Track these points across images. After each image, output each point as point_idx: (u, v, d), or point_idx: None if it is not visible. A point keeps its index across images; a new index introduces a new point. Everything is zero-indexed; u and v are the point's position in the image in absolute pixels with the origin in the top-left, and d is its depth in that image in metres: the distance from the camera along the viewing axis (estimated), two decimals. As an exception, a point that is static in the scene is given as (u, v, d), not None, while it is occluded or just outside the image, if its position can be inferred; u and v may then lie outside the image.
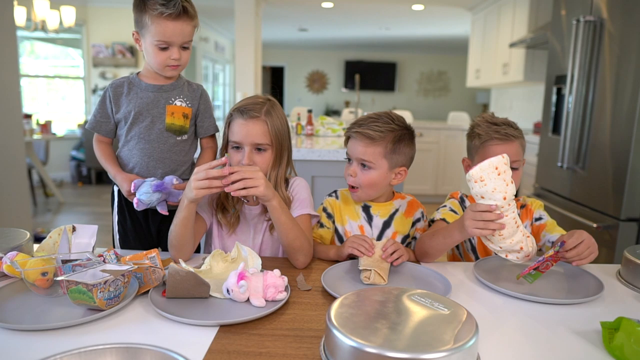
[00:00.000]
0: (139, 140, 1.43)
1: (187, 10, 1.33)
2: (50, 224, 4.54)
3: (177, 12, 1.30)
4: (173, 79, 1.47)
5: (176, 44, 1.36)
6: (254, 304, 0.95)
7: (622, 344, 0.80)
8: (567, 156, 2.62)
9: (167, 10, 1.29)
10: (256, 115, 1.26)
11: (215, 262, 1.14)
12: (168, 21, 1.31)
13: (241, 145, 1.27)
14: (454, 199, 1.45)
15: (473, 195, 1.10)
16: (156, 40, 1.33)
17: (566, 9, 2.79)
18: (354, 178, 1.32)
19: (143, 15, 1.32)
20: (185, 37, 1.36)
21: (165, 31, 1.32)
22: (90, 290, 0.87)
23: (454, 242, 1.20)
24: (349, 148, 1.34)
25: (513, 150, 1.31)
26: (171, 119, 1.45)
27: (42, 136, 5.42)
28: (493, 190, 1.04)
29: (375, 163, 1.30)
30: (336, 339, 0.68)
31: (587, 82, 2.51)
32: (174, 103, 1.46)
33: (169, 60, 1.37)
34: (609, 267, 1.28)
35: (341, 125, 3.48)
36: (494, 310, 1.01)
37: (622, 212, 2.22)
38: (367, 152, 1.29)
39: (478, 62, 5.79)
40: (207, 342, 0.82)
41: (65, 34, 5.99)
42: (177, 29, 1.33)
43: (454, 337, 0.66)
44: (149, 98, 1.43)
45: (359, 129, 1.30)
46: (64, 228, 1.14)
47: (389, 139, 1.29)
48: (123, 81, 1.45)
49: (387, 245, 1.19)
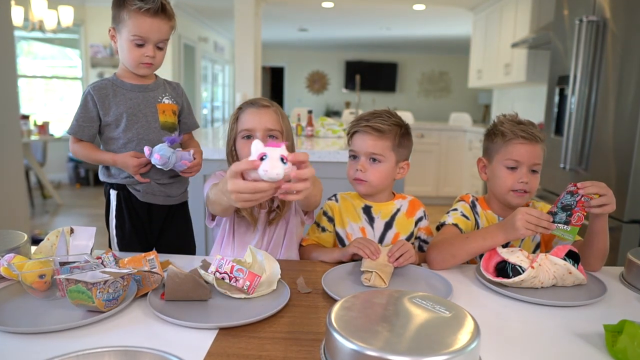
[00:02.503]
0: (140, 141, 1.43)
1: (165, 9, 1.36)
2: (48, 226, 4.53)
3: (155, 8, 1.33)
4: (152, 79, 1.48)
5: (152, 40, 1.37)
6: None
7: (625, 347, 0.79)
8: (569, 157, 2.61)
9: (145, 5, 1.31)
10: (267, 105, 1.30)
11: None
12: (146, 16, 1.33)
13: (253, 133, 1.27)
14: (465, 202, 1.40)
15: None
16: (132, 36, 1.35)
17: (569, 8, 2.78)
18: (363, 173, 1.32)
19: (121, 11, 1.35)
20: (161, 35, 1.38)
21: (142, 26, 1.34)
22: (90, 289, 0.86)
23: (496, 244, 1.17)
24: (356, 144, 1.34)
25: (537, 152, 1.29)
26: (164, 116, 1.47)
27: (40, 137, 5.40)
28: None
29: (385, 156, 1.32)
30: (337, 342, 0.67)
31: (589, 82, 2.50)
32: (163, 101, 1.48)
33: (143, 57, 1.38)
34: (612, 270, 1.27)
35: (341, 126, 3.47)
36: (496, 312, 1.00)
37: (626, 214, 2.21)
38: (377, 145, 1.30)
39: (480, 63, 5.78)
40: (206, 345, 0.82)
41: (63, 34, 5.94)
42: (154, 25, 1.35)
43: (455, 340, 0.66)
44: (138, 98, 1.44)
45: (367, 123, 1.31)
46: (62, 230, 1.13)
47: (395, 132, 1.32)
48: (105, 83, 1.45)
49: (394, 251, 1.17)
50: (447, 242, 1.25)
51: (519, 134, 1.27)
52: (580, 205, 1.14)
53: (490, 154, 1.36)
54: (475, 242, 1.20)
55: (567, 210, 1.15)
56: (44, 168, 5.65)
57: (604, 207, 1.14)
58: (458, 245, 1.22)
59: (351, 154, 1.37)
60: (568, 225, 1.14)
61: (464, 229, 1.32)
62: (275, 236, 1.36)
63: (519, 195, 1.29)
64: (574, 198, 1.14)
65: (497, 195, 1.35)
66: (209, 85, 9.05)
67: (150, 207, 1.53)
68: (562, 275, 1.09)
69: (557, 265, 1.08)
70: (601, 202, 1.13)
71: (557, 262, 1.08)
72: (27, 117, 5.27)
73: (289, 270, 1.20)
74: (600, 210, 1.14)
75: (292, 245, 1.39)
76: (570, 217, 1.14)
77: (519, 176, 1.27)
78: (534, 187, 1.29)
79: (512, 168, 1.29)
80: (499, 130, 1.31)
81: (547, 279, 1.08)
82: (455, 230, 1.31)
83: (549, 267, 1.08)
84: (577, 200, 1.14)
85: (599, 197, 1.13)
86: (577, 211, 1.14)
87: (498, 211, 1.37)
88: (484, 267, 1.15)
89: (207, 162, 1.69)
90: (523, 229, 1.11)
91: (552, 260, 1.08)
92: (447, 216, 1.36)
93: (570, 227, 1.14)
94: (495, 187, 1.34)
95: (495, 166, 1.33)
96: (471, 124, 6.37)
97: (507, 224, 1.16)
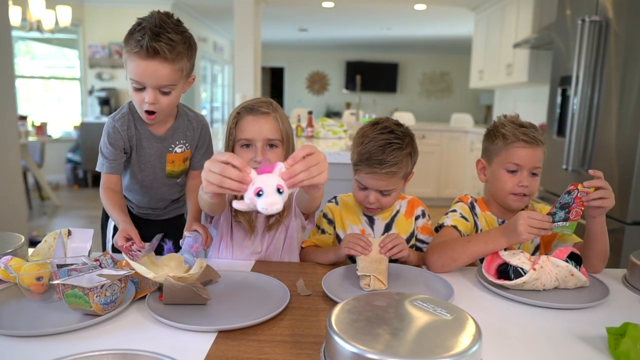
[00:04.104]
0: (142, 186, 1.45)
1: (160, 52, 1.18)
2: (45, 228, 4.52)
3: (144, 52, 1.18)
4: (168, 123, 1.38)
5: (149, 85, 1.23)
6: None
7: (628, 350, 0.78)
8: (572, 158, 2.60)
9: (135, 48, 1.18)
10: (266, 111, 1.24)
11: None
12: (139, 59, 1.19)
13: (252, 143, 1.24)
14: (463, 203, 1.38)
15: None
16: (129, 79, 1.24)
17: (571, 8, 2.77)
18: (375, 203, 1.30)
19: (124, 50, 1.24)
20: (159, 80, 1.22)
21: (136, 70, 1.21)
22: (87, 294, 0.86)
23: (498, 249, 1.16)
24: (366, 181, 1.28)
25: (538, 155, 1.27)
26: (171, 166, 1.43)
27: (38, 138, 5.38)
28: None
29: (397, 187, 1.30)
30: (337, 345, 0.67)
31: (592, 83, 2.49)
32: (174, 151, 1.40)
33: (143, 103, 1.25)
34: (615, 272, 1.27)
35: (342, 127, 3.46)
36: (498, 315, 1.00)
37: (629, 215, 2.20)
38: (389, 183, 1.28)
39: (481, 63, 5.77)
40: (205, 348, 0.81)
41: (61, 34, 5.92)
42: (149, 70, 1.20)
43: (456, 343, 0.65)
44: (152, 149, 1.39)
45: (379, 167, 1.24)
46: (60, 232, 1.12)
47: (405, 162, 1.28)
48: (129, 123, 1.36)
49: (386, 241, 1.17)
50: (448, 245, 1.23)
51: (520, 137, 1.26)
52: (577, 201, 1.14)
53: (490, 156, 1.34)
54: (477, 246, 1.19)
55: (565, 208, 1.15)
56: (42, 169, 5.61)
57: (603, 200, 1.12)
58: (459, 249, 1.21)
59: (361, 186, 1.31)
60: (567, 222, 1.14)
61: (462, 230, 1.31)
62: (275, 241, 1.35)
63: (519, 198, 1.28)
64: (572, 196, 1.14)
65: (496, 198, 1.34)
66: (208, 86, 9.04)
67: (146, 220, 1.56)
68: (564, 277, 1.08)
69: (559, 267, 1.07)
70: (600, 195, 1.12)
71: (559, 264, 1.08)
72: (25, 117, 5.24)
73: (289, 273, 1.20)
74: (600, 203, 1.13)
75: (293, 250, 1.38)
76: (568, 214, 1.14)
77: (520, 180, 1.26)
78: (534, 190, 1.28)
79: (512, 171, 1.27)
80: (500, 133, 1.29)
81: (549, 281, 1.07)
82: (454, 232, 1.30)
83: (551, 269, 1.07)
84: (575, 197, 1.14)
85: (596, 190, 1.12)
86: (574, 207, 1.14)
87: (497, 213, 1.36)
88: (485, 269, 1.14)
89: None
90: (526, 234, 1.11)
91: (554, 262, 1.08)
92: (446, 217, 1.34)
93: (568, 223, 1.14)
94: (494, 190, 1.33)
95: (495, 168, 1.31)
96: (473, 124, 6.37)
97: (509, 228, 1.15)
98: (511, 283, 1.07)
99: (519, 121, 1.32)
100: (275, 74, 11.59)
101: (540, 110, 4.74)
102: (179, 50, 1.21)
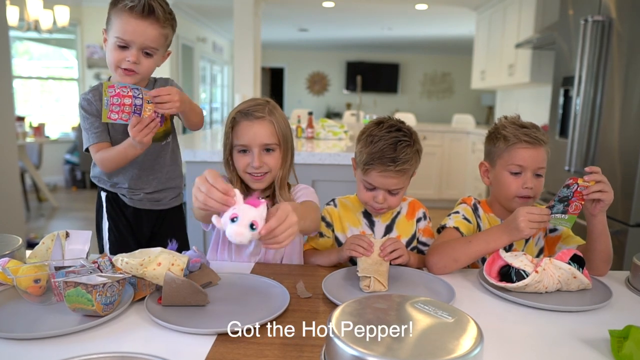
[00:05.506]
0: None
1: (155, 12, 1.25)
2: (43, 230, 4.50)
3: (140, 9, 1.23)
4: (142, 85, 1.37)
5: (136, 44, 1.26)
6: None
7: (631, 353, 0.78)
8: (574, 159, 2.59)
9: (130, 3, 1.23)
10: (261, 115, 1.23)
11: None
12: (131, 17, 1.24)
13: (249, 148, 1.24)
14: (466, 204, 1.37)
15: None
16: (115, 37, 1.26)
17: (573, 8, 2.77)
18: (383, 203, 1.28)
19: (111, 11, 1.28)
20: (146, 40, 1.26)
21: (126, 28, 1.24)
22: (90, 292, 0.85)
23: (500, 246, 1.16)
24: (377, 180, 1.26)
25: (541, 156, 1.26)
26: None
27: (35, 139, 5.36)
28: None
29: (405, 186, 1.30)
30: (337, 347, 0.66)
31: (595, 83, 2.48)
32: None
33: (123, 61, 1.27)
34: (618, 274, 1.26)
35: (342, 128, 3.45)
36: (500, 318, 0.99)
37: (632, 217, 2.19)
38: (400, 181, 1.27)
39: (483, 63, 5.77)
40: (204, 351, 0.80)
41: (59, 34, 5.88)
42: (139, 28, 1.24)
43: (458, 346, 0.65)
44: None
45: (392, 164, 1.22)
46: (57, 234, 1.12)
47: (415, 159, 1.28)
48: (94, 92, 1.39)
49: (386, 245, 1.16)
50: (449, 246, 1.22)
51: (522, 138, 1.25)
52: (577, 195, 1.14)
53: (492, 158, 1.33)
54: (478, 246, 1.18)
55: (564, 202, 1.15)
56: (40, 171, 5.59)
57: (602, 193, 1.12)
58: (460, 249, 1.20)
59: (368, 186, 1.29)
60: (566, 214, 1.15)
61: (465, 232, 1.30)
62: None
63: (524, 200, 1.27)
64: (571, 189, 1.14)
65: (501, 201, 1.33)
66: (207, 87, 9.03)
67: (139, 211, 1.51)
68: (566, 280, 1.07)
69: (561, 270, 1.07)
70: (600, 188, 1.12)
71: (562, 267, 1.07)
72: (23, 118, 5.24)
73: (289, 275, 1.19)
74: (600, 195, 1.13)
75: (294, 252, 1.37)
76: (567, 207, 1.14)
77: (524, 181, 1.25)
78: (538, 191, 1.28)
79: (516, 173, 1.26)
80: (502, 134, 1.28)
81: (552, 284, 1.06)
82: (457, 233, 1.29)
83: (554, 272, 1.06)
84: (574, 191, 1.14)
85: (595, 183, 1.12)
86: (574, 201, 1.14)
87: (501, 215, 1.35)
88: (487, 272, 1.13)
89: (206, 165, 1.68)
90: (527, 229, 1.11)
91: (556, 265, 1.07)
92: (448, 219, 1.34)
93: (568, 216, 1.14)
94: (499, 193, 1.32)
95: (498, 171, 1.30)
96: (474, 125, 6.36)
97: (510, 225, 1.15)
98: (513, 285, 1.06)
99: (520, 122, 1.31)
100: (275, 74, 11.60)
101: (542, 111, 4.73)
102: (168, 17, 1.28)
